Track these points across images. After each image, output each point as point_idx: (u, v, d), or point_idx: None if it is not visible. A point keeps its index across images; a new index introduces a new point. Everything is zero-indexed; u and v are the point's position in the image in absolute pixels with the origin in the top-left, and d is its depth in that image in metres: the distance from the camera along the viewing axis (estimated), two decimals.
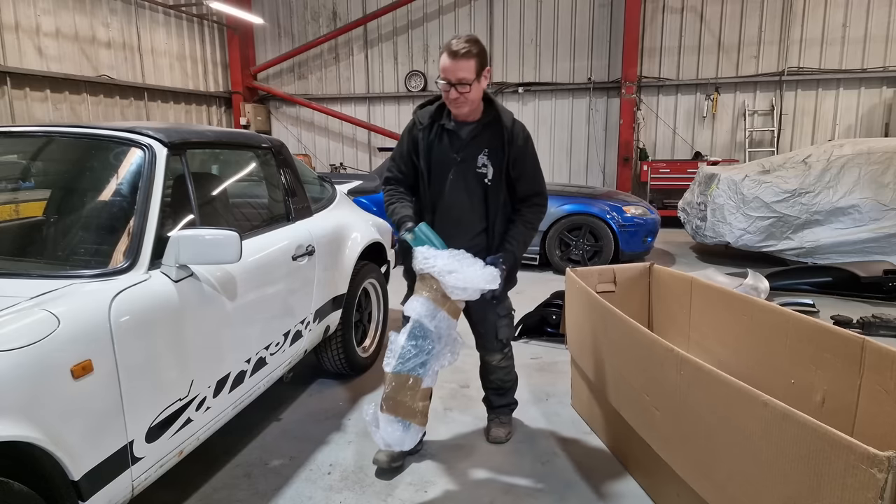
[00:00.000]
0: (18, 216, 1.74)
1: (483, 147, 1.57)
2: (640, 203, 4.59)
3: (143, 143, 1.44)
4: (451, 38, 1.49)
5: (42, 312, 1.05)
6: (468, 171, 1.58)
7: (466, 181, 1.58)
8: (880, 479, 0.82)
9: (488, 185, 1.58)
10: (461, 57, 1.45)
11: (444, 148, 1.58)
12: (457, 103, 1.50)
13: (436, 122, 1.59)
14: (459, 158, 1.58)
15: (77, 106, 5.93)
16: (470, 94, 1.48)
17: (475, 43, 1.48)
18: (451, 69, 1.45)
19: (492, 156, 1.57)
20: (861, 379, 1.32)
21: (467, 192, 1.59)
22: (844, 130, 6.58)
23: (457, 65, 1.45)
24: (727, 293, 1.82)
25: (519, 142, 1.58)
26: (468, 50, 1.45)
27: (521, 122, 1.62)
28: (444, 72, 1.47)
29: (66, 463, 1.04)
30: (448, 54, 1.46)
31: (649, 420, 1.44)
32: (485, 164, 1.57)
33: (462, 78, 1.46)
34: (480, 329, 1.74)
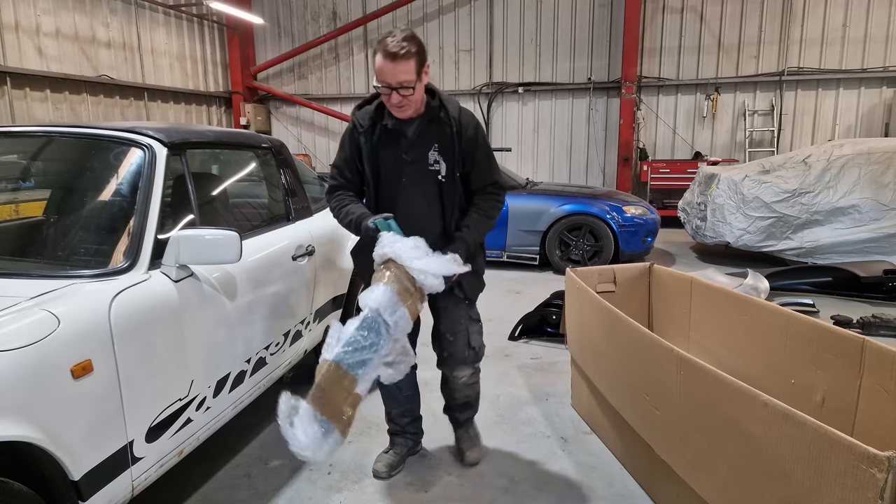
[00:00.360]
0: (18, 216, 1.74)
1: (432, 142, 1.47)
2: (640, 203, 4.59)
3: (143, 143, 1.44)
4: (384, 37, 1.35)
5: (42, 312, 1.05)
6: (420, 170, 1.47)
7: (420, 182, 1.48)
8: (880, 479, 0.82)
9: (442, 182, 1.48)
10: (400, 58, 1.32)
11: (391, 149, 1.47)
12: (400, 108, 1.40)
13: (377, 123, 1.47)
14: (410, 159, 1.47)
15: (77, 106, 5.93)
16: (413, 97, 1.38)
17: (412, 40, 1.35)
18: (391, 72, 1.33)
19: (443, 151, 1.47)
20: (861, 379, 1.32)
21: (423, 194, 1.48)
22: (844, 130, 6.58)
23: (396, 67, 1.32)
24: (727, 293, 1.82)
25: (469, 132, 1.47)
26: (407, 50, 1.33)
27: (468, 111, 1.52)
28: (383, 75, 1.34)
29: (66, 463, 1.04)
30: (385, 56, 1.33)
31: (649, 420, 1.44)
32: (437, 161, 1.47)
33: (403, 81, 1.34)
34: (450, 336, 1.59)
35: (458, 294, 1.56)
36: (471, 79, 7.58)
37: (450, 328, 1.59)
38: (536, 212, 4.34)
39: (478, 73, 7.55)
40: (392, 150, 1.48)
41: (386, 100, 1.40)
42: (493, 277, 4.22)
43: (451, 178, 1.47)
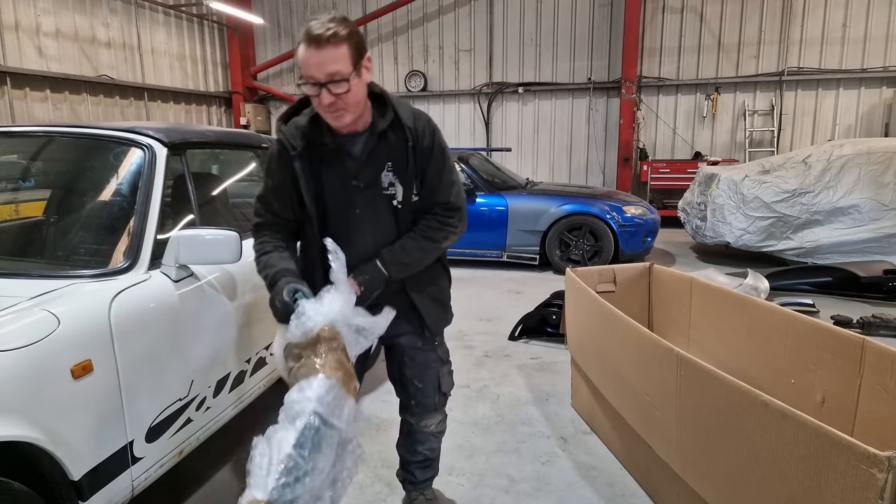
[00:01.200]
0: (18, 216, 1.74)
1: (385, 161, 1.15)
2: (640, 203, 4.59)
3: (143, 143, 1.44)
4: (307, 24, 1.02)
5: (42, 312, 1.05)
6: (374, 197, 1.16)
7: (374, 210, 1.17)
8: (880, 479, 0.82)
9: (398, 208, 1.17)
10: (327, 43, 0.99)
11: (336, 173, 1.14)
12: (334, 111, 1.05)
13: (314, 142, 1.13)
14: (362, 184, 1.15)
15: (77, 106, 5.93)
16: (350, 96, 1.04)
17: (343, 22, 1.02)
18: (316, 62, 1.00)
19: (398, 170, 1.15)
20: (861, 379, 1.32)
21: (377, 225, 1.18)
22: (844, 130, 6.58)
23: (322, 54, 0.99)
24: (727, 293, 1.82)
25: (425, 141, 1.16)
26: (334, 32, 0.99)
27: (424, 115, 1.19)
28: (307, 67, 1.01)
29: (66, 463, 1.04)
30: (308, 42, 1.00)
31: (649, 420, 1.44)
32: (392, 184, 1.16)
33: (334, 72, 1.00)
34: (419, 383, 1.32)
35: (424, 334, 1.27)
36: (471, 79, 7.58)
37: (418, 374, 1.32)
38: (536, 212, 4.34)
39: (478, 73, 7.55)
40: (338, 175, 1.15)
41: (316, 103, 1.06)
42: (493, 277, 4.24)
43: (408, 201, 1.17)
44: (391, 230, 1.19)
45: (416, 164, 1.16)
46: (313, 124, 1.14)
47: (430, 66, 7.69)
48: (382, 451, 1.82)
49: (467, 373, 2.47)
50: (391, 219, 1.18)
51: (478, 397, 2.23)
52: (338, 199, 1.17)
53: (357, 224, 1.18)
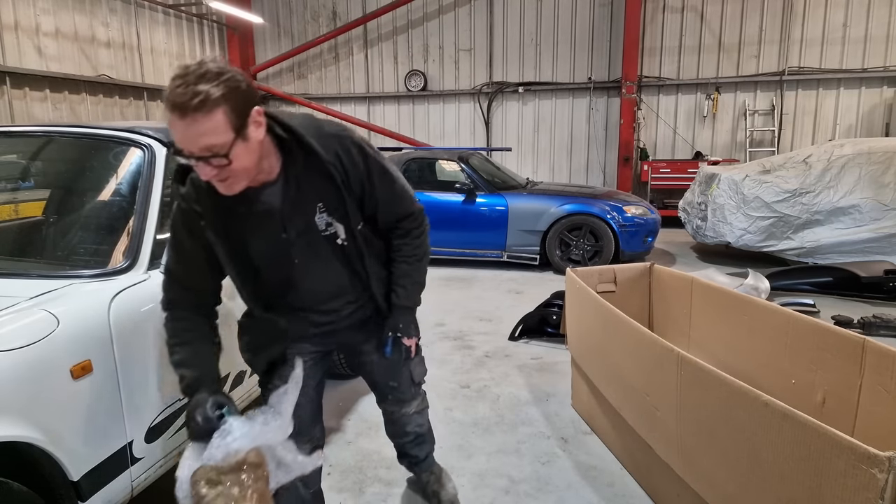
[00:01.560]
0: (18, 216, 1.74)
1: (314, 202, 1.02)
2: (640, 203, 4.59)
3: (143, 142, 1.44)
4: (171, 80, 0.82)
5: (41, 312, 1.05)
6: (313, 241, 1.05)
7: (317, 255, 1.06)
8: (881, 480, 0.82)
9: (344, 245, 1.07)
10: (195, 112, 0.80)
11: (259, 232, 1.01)
12: (219, 182, 0.89)
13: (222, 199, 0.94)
14: (294, 234, 1.02)
15: (76, 106, 5.92)
16: (236, 165, 0.86)
17: (217, 77, 0.82)
18: (185, 135, 0.82)
19: (332, 209, 1.03)
20: (862, 379, 1.32)
21: (327, 266, 1.08)
22: (845, 130, 6.58)
23: (190, 127, 0.81)
24: (728, 293, 1.81)
25: (358, 168, 1.03)
26: (203, 98, 0.80)
27: (345, 136, 1.03)
28: (175, 137, 0.84)
29: (66, 463, 1.04)
30: (171, 110, 0.81)
31: (650, 420, 1.43)
32: (329, 224, 1.04)
33: (208, 146, 0.83)
34: (393, 382, 1.30)
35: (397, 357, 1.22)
36: (471, 78, 7.58)
37: (391, 376, 1.29)
38: (536, 212, 4.33)
39: (478, 73, 7.54)
40: (262, 232, 1.01)
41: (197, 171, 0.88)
42: (493, 278, 4.24)
43: (353, 236, 1.07)
44: (343, 266, 1.10)
45: (353, 196, 1.04)
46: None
47: (430, 65, 7.68)
48: (382, 451, 1.82)
49: (467, 373, 2.47)
50: (340, 256, 1.08)
51: (478, 397, 2.23)
52: (269, 256, 1.03)
53: (301, 273, 1.07)
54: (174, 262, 1.04)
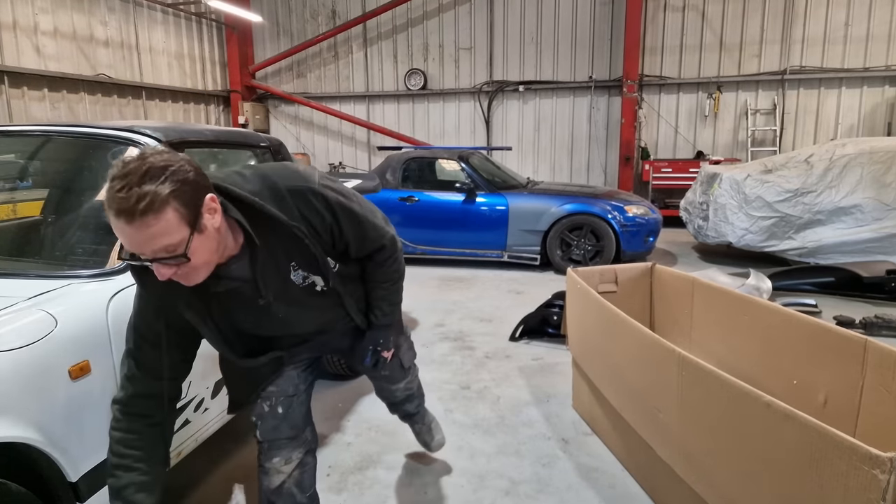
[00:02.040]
0: (16, 216, 1.73)
1: (285, 262, 1.00)
2: (641, 203, 4.58)
3: (142, 142, 1.43)
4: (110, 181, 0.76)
5: (40, 313, 1.05)
6: (293, 296, 1.03)
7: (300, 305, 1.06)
8: (882, 481, 0.81)
9: (324, 291, 1.06)
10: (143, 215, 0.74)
11: (235, 305, 0.99)
12: (183, 279, 0.85)
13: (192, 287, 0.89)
14: (271, 298, 1.00)
15: (75, 105, 5.92)
16: (196, 260, 0.82)
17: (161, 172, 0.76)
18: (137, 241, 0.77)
19: (306, 265, 1.01)
20: (863, 379, 1.31)
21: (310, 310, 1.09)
22: (847, 130, 6.56)
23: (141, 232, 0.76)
24: (729, 293, 1.81)
25: (325, 221, 0.98)
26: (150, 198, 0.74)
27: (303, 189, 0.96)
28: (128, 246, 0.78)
29: (64, 464, 1.04)
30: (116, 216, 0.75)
31: (651, 421, 1.43)
32: (306, 277, 1.02)
33: (163, 247, 0.78)
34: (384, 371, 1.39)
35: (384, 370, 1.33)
36: (471, 77, 7.56)
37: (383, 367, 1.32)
38: (537, 211, 4.33)
39: (478, 72, 7.53)
40: (239, 302, 0.98)
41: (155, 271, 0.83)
42: (494, 278, 4.23)
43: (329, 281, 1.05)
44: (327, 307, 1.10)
45: (325, 245, 1.00)
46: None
47: (430, 64, 7.67)
48: (382, 451, 1.81)
49: (468, 374, 2.46)
50: (321, 300, 1.07)
51: (478, 398, 2.23)
52: (250, 322, 1.03)
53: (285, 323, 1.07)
54: (136, 350, 0.95)
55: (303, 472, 1.16)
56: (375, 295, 1.17)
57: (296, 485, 1.15)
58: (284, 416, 1.14)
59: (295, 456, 1.15)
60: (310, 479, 1.20)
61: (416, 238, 4.50)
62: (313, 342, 1.18)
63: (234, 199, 0.90)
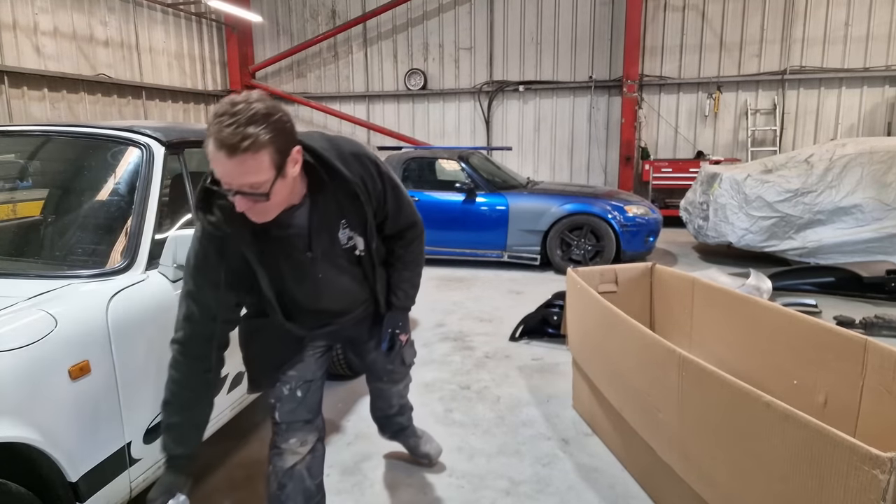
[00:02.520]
0: (16, 216, 1.73)
1: (338, 220, 1.09)
2: (641, 202, 4.58)
3: (141, 142, 1.43)
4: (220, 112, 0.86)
5: (39, 313, 1.05)
6: (334, 256, 1.13)
7: (337, 267, 1.14)
8: (882, 481, 0.81)
9: (361, 256, 1.16)
10: (244, 153, 0.84)
11: (285, 252, 1.06)
12: (254, 214, 0.94)
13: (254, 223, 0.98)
14: (319, 253, 1.09)
15: (75, 105, 5.92)
16: (273, 200, 0.92)
17: (265, 119, 0.86)
18: (229, 172, 0.87)
19: (354, 224, 1.11)
20: (863, 380, 1.31)
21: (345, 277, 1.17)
22: (847, 130, 6.56)
23: (236, 165, 0.86)
24: (729, 293, 1.81)
25: (376, 186, 1.11)
26: (253, 140, 0.84)
27: (362, 153, 1.10)
28: (217, 170, 0.88)
29: (64, 464, 1.04)
30: (219, 148, 0.85)
31: (651, 421, 1.43)
32: (350, 238, 1.12)
33: (251, 185, 0.88)
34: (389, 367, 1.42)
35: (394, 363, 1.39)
36: (471, 77, 7.56)
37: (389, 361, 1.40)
38: (537, 211, 4.33)
39: (478, 72, 7.53)
40: (288, 252, 1.07)
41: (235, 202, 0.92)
42: (494, 278, 4.23)
43: (370, 247, 1.15)
44: (358, 277, 1.19)
45: (370, 209, 1.11)
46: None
47: (430, 64, 7.67)
48: (382, 451, 1.81)
49: (468, 374, 2.46)
50: (356, 268, 1.18)
51: (478, 398, 2.22)
52: (294, 275, 1.09)
53: (321, 287, 1.13)
54: (197, 291, 1.02)
55: (313, 458, 1.20)
56: (399, 277, 1.26)
57: (306, 468, 1.18)
58: (302, 400, 1.19)
59: (310, 439, 1.19)
60: (318, 467, 1.23)
61: None
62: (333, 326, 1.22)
63: (309, 152, 1.01)
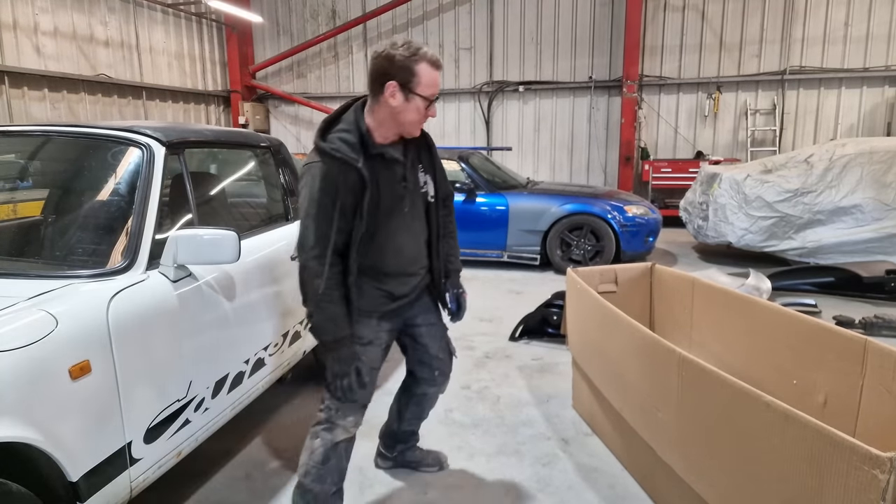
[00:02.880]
0: (16, 216, 1.74)
1: (417, 162, 1.34)
2: (641, 203, 4.58)
3: (142, 142, 1.43)
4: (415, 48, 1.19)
5: (40, 313, 1.05)
6: (416, 194, 1.33)
7: (417, 208, 1.34)
8: (882, 480, 0.82)
9: (431, 202, 1.36)
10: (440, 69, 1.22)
11: (388, 181, 1.26)
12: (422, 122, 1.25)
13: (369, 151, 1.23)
14: (410, 185, 1.31)
15: (75, 105, 5.92)
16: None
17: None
18: (436, 83, 1.21)
19: (426, 168, 1.36)
20: (863, 379, 1.31)
21: (419, 220, 1.34)
22: (846, 130, 6.57)
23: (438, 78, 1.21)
24: (729, 293, 1.81)
25: (433, 142, 1.39)
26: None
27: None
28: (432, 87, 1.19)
29: (65, 464, 1.04)
30: (432, 65, 1.19)
31: (651, 421, 1.43)
32: (425, 181, 1.35)
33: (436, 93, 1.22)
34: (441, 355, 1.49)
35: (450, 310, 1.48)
36: (471, 77, 7.57)
37: (438, 348, 1.47)
38: (537, 211, 4.33)
39: (478, 72, 7.53)
40: (390, 181, 1.27)
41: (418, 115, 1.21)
42: (494, 278, 4.23)
43: (436, 196, 1.37)
44: (425, 224, 1.37)
45: (437, 166, 1.37)
46: (363, 139, 1.23)
47: None
48: None
49: (468, 374, 2.46)
50: (426, 214, 1.37)
51: (478, 398, 2.23)
52: (391, 203, 1.28)
53: (403, 223, 1.31)
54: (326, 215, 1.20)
55: (350, 443, 1.36)
56: (449, 244, 1.46)
57: (345, 450, 1.34)
58: (367, 385, 1.31)
59: (360, 422, 1.34)
60: (350, 454, 1.37)
61: None
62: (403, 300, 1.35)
63: None
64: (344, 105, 1.30)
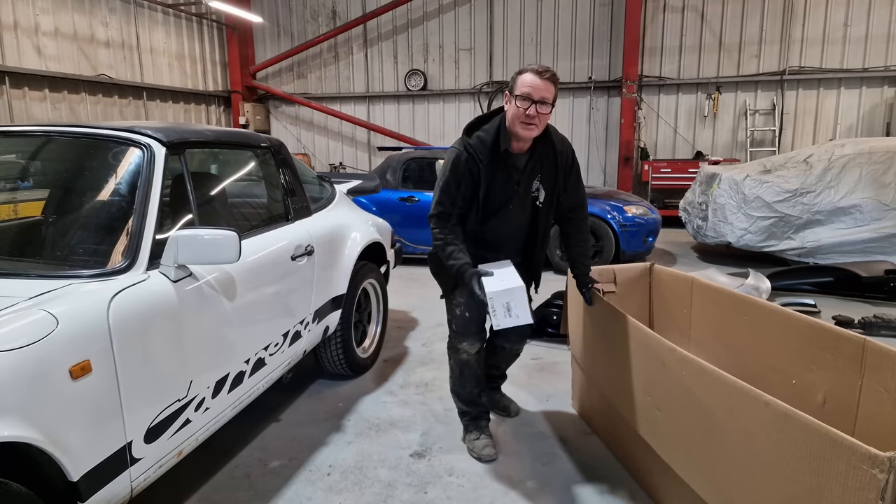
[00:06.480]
0: (17, 216, 1.74)
1: (537, 173, 1.63)
2: (641, 203, 4.58)
3: (142, 142, 1.43)
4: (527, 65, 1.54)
5: (41, 313, 1.05)
6: (526, 197, 1.64)
7: (523, 207, 1.65)
8: (881, 480, 0.82)
9: (539, 207, 1.66)
10: (546, 79, 1.49)
11: (504, 179, 1.60)
12: (530, 123, 1.51)
13: (495, 155, 1.57)
14: (522, 189, 1.62)
15: (76, 105, 5.93)
16: (543, 117, 1.52)
17: (554, 74, 1.54)
18: (536, 87, 1.49)
19: (545, 181, 1.64)
20: (862, 379, 1.31)
21: (524, 217, 1.67)
22: (846, 130, 6.57)
23: (542, 84, 1.48)
24: (728, 293, 1.81)
25: (568, 161, 1.65)
26: (552, 75, 1.51)
27: (566, 139, 1.68)
28: (530, 88, 1.48)
29: (65, 464, 1.04)
30: (534, 74, 1.50)
31: (650, 420, 1.43)
32: (538, 189, 1.64)
33: (544, 97, 1.49)
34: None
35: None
36: (471, 77, 7.58)
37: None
38: None
39: (478, 72, 7.54)
40: (505, 180, 1.60)
41: (519, 113, 1.49)
42: None
43: (549, 204, 1.67)
44: (528, 222, 1.69)
45: (559, 178, 1.65)
46: (495, 139, 1.56)
47: (430, 65, 7.68)
48: (382, 451, 1.81)
49: None
50: (532, 214, 1.68)
51: None
52: (501, 198, 1.61)
53: (509, 216, 1.65)
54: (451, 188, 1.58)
55: (479, 357, 1.76)
56: (581, 251, 1.74)
57: (476, 363, 1.76)
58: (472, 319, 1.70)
59: (477, 345, 1.74)
60: (482, 363, 1.79)
61: (417, 238, 4.50)
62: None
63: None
64: (496, 109, 1.61)
